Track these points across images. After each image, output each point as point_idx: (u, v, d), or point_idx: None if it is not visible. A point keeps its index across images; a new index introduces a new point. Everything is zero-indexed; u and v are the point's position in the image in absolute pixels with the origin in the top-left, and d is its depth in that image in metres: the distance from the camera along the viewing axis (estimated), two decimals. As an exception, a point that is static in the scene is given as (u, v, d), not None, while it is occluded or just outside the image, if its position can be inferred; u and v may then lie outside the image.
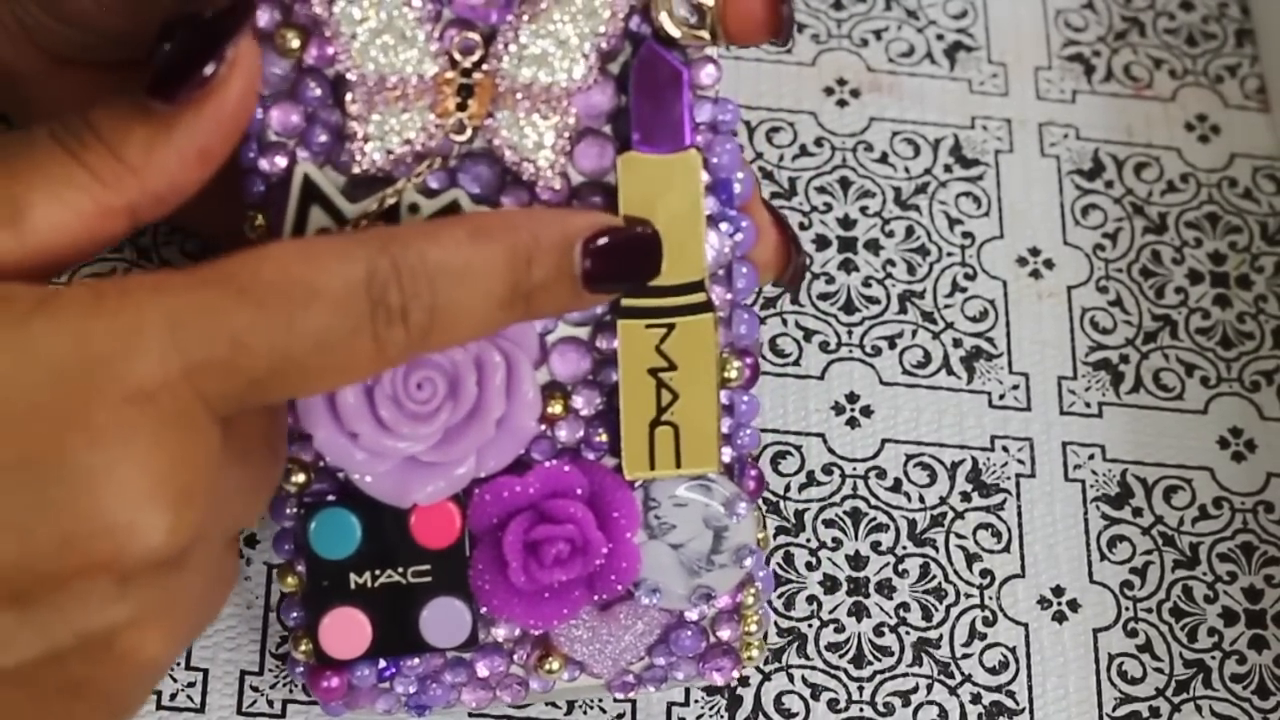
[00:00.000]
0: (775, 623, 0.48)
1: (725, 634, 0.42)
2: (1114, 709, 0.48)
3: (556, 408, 0.40)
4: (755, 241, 0.40)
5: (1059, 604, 0.49)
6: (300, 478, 0.40)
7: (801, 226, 0.53)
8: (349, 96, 0.37)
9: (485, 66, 0.38)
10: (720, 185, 0.39)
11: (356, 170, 0.38)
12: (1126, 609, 0.49)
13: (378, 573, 0.40)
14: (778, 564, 0.48)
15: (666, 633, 0.42)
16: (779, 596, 0.48)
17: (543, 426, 0.40)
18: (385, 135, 0.38)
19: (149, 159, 0.35)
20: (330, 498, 0.40)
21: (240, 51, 0.36)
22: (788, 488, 0.49)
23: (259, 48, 0.37)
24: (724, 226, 0.40)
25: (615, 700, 0.46)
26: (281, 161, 0.38)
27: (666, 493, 0.41)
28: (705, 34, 0.39)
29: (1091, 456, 0.51)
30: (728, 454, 0.41)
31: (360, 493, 0.40)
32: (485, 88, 0.38)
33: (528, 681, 0.42)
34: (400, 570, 0.40)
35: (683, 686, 0.45)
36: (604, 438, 0.40)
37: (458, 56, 0.38)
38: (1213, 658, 0.49)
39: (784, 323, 0.52)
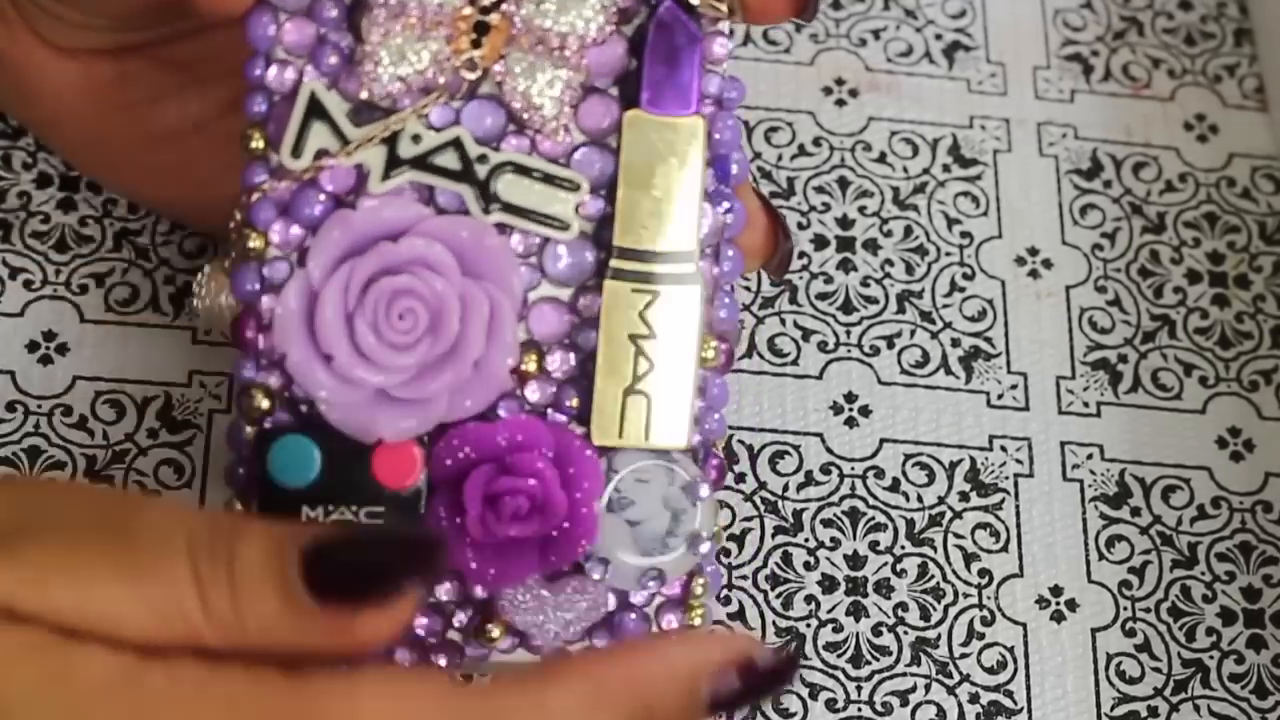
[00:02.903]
0: (773, 622, 0.48)
1: (668, 623, 0.41)
2: (1112, 709, 0.48)
3: (530, 365, 0.39)
4: (744, 226, 0.40)
5: (1057, 603, 0.49)
6: (264, 403, 0.39)
7: (800, 226, 0.53)
8: (365, 20, 0.37)
9: (504, 7, 0.38)
10: (718, 161, 0.39)
11: (364, 95, 0.38)
12: (1125, 609, 0.49)
13: (330, 508, 0.39)
14: (776, 564, 0.48)
15: (610, 615, 0.41)
16: (777, 596, 0.48)
17: (514, 384, 0.39)
18: (397, 62, 0.38)
19: (262, 631, 0.33)
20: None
21: (399, 608, 0.34)
22: (786, 487, 0.49)
23: (415, 608, 0.35)
24: (718, 202, 0.40)
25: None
26: (289, 75, 0.38)
27: (629, 464, 0.40)
28: (723, 6, 0.39)
29: (1090, 456, 0.51)
30: (695, 437, 0.40)
31: (324, 427, 0.39)
32: (501, 29, 0.38)
33: (463, 648, 0.41)
34: (354, 509, 0.39)
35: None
36: (574, 403, 0.39)
37: None
38: (1211, 657, 0.48)
39: (782, 322, 0.52)
